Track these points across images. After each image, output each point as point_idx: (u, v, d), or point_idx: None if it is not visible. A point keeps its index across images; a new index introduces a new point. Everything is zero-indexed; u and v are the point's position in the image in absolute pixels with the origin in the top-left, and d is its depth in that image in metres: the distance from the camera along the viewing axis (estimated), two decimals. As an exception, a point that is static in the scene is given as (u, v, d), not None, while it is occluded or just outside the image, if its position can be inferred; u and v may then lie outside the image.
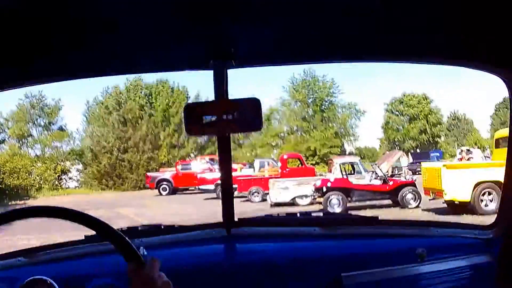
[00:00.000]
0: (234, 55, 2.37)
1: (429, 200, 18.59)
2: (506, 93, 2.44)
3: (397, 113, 60.27)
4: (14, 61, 2.16)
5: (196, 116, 2.31)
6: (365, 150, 58.88)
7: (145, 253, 1.77)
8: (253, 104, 2.32)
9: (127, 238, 1.69)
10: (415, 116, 58.62)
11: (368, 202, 20.18)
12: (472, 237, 2.66)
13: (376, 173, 21.57)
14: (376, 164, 23.65)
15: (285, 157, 29.82)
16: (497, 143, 19.69)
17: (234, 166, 33.31)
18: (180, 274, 2.06)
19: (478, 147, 42.00)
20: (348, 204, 19.99)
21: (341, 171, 21.63)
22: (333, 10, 1.99)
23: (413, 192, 19.87)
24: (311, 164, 43.18)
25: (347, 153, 50.96)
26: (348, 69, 75.58)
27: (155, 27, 2.06)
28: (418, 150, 53.09)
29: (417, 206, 19.38)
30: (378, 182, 20.94)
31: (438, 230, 2.73)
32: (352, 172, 22.87)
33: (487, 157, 29.89)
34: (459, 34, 2.20)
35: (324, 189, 20.12)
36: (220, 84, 2.45)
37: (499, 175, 15.55)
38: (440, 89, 74.68)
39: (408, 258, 2.47)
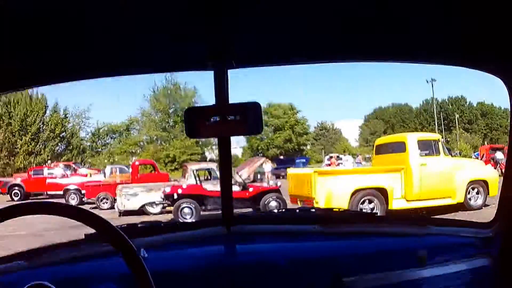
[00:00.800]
0: (234, 55, 2.38)
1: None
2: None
3: (261, 123, 61.59)
4: (14, 63, 2.17)
5: (196, 119, 2.31)
6: (227, 157, 58.70)
7: (146, 255, 1.94)
8: (254, 108, 2.31)
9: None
10: (281, 127, 60.09)
11: None
12: (471, 235, 2.67)
13: (235, 179, 19.32)
14: (235, 170, 22.50)
15: (136, 163, 28.97)
16: (377, 150, 19.57)
17: (85, 171, 33.14)
18: (180, 273, 2.31)
19: (348, 154, 42.67)
20: (202, 213, 18.18)
21: (194, 177, 19.87)
22: (334, 10, 2.00)
23: (277, 199, 18.70)
24: (170, 170, 44.39)
25: (207, 160, 50.92)
26: (211, 78, 77.48)
27: (155, 27, 2.05)
28: (281, 157, 53.53)
29: (282, 216, 16.79)
30: (237, 189, 18.96)
31: (438, 228, 2.73)
32: (209, 178, 21.81)
33: (358, 163, 31.01)
34: (459, 35, 2.21)
35: (175, 196, 18.53)
36: (221, 85, 2.39)
37: (380, 180, 14.00)
38: (307, 99, 76.72)
39: (408, 259, 2.47)
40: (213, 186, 19.40)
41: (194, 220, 14.86)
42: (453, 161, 18.08)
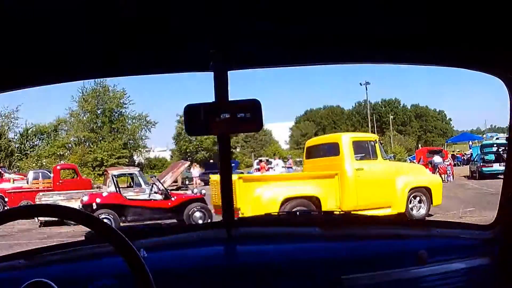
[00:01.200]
0: (235, 56, 2.41)
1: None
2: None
3: (177, 124, 61.92)
4: (14, 63, 2.20)
5: (196, 117, 2.34)
6: (155, 160, 59.78)
7: (145, 255, 2.05)
8: (253, 105, 2.34)
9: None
10: (210, 129, 60.71)
11: (147, 222, 17.46)
12: (471, 237, 2.69)
13: (156, 186, 19.28)
14: (155, 176, 22.19)
15: (58, 167, 28.54)
16: (308, 153, 18.50)
17: (8, 176, 32.01)
18: (180, 275, 2.29)
19: (278, 158, 42.58)
20: (122, 224, 17.06)
21: (114, 184, 18.85)
22: (334, 12, 2.03)
23: (202, 210, 17.87)
24: (98, 174, 44.09)
25: (136, 163, 51.32)
26: (140, 80, 78.87)
27: (155, 27, 2.07)
28: (211, 161, 52.62)
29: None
30: (159, 197, 18.53)
31: (438, 231, 2.76)
32: (132, 184, 21.66)
33: (289, 167, 30.82)
34: (459, 36, 2.24)
35: (94, 206, 17.40)
36: (221, 86, 2.41)
37: (313, 188, 12.77)
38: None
39: (409, 261, 2.47)
40: (134, 194, 19.08)
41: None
42: (392, 165, 17.42)
